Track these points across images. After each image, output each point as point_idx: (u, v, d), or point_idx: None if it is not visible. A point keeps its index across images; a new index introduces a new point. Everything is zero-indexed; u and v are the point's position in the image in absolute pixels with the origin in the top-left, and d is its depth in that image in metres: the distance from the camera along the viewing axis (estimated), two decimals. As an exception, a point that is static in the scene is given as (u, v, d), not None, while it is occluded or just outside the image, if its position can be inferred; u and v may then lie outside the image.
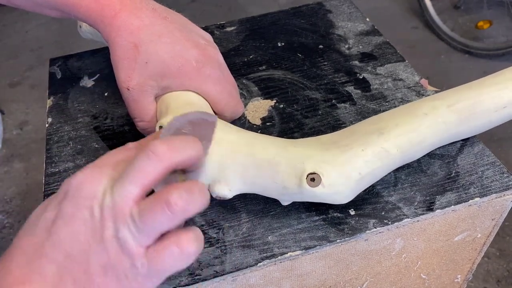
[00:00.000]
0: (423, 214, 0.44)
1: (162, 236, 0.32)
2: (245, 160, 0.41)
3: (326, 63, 0.61)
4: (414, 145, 0.43)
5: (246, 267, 0.41)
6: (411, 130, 0.42)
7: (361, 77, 0.59)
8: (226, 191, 0.41)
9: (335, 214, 0.44)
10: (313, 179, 0.39)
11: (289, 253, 0.41)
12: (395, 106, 0.54)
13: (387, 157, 0.41)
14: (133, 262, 0.31)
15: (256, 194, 0.44)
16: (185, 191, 0.31)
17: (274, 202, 0.44)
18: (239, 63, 0.62)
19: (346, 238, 0.42)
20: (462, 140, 0.50)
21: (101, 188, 0.32)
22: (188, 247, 0.32)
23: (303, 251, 0.42)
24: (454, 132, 0.45)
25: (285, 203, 0.43)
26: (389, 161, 0.42)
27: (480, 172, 0.47)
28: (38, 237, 0.32)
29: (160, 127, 0.44)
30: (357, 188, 0.41)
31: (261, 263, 0.41)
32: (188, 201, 0.31)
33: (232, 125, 0.44)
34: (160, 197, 0.31)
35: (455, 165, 0.48)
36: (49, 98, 0.59)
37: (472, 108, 0.44)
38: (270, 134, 0.52)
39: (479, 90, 0.44)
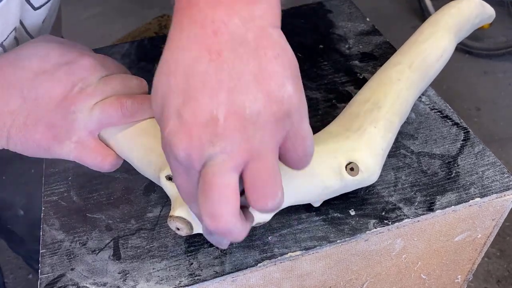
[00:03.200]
0: (424, 214, 0.44)
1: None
2: None
3: (326, 63, 0.61)
4: (404, 108, 0.46)
5: (246, 268, 0.41)
6: (397, 96, 0.46)
7: (361, 77, 0.59)
8: (267, 215, 0.39)
9: (335, 215, 0.44)
10: (352, 168, 0.40)
11: (289, 254, 0.41)
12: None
13: (392, 126, 0.44)
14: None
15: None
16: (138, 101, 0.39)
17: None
18: (239, 63, 0.62)
19: (346, 239, 0.42)
20: (462, 140, 0.50)
21: (94, 78, 0.39)
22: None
23: (303, 251, 0.41)
24: (421, 87, 0.50)
25: (317, 204, 0.44)
26: (394, 129, 0.44)
27: (481, 172, 0.47)
28: (27, 71, 0.37)
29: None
30: (382, 164, 0.43)
31: (261, 264, 0.41)
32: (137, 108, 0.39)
33: None
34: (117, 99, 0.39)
35: (456, 165, 0.48)
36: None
37: (424, 63, 0.49)
38: (270, 134, 0.52)
39: (422, 45, 0.50)
